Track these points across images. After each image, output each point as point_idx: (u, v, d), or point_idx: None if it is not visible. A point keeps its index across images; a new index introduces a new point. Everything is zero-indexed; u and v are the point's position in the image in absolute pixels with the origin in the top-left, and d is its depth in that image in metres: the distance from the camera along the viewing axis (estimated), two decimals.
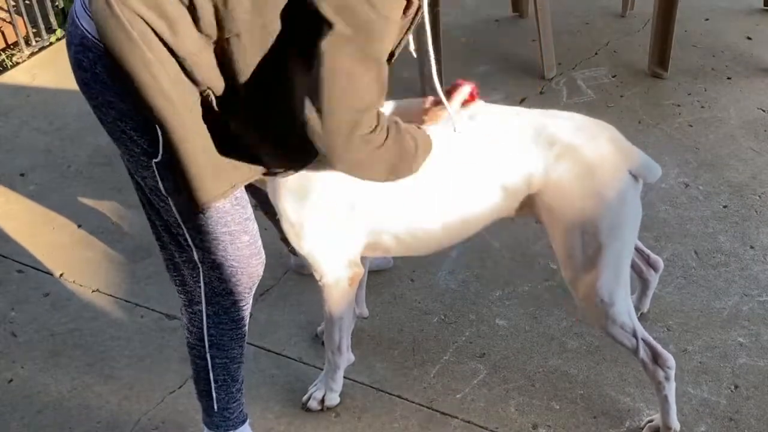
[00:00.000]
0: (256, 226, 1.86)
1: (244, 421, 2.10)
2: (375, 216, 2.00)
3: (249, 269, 1.85)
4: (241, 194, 1.80)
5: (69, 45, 1.65)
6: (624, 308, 2.01)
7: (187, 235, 1.77)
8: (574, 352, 2.44)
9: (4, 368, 2.49)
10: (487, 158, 1.98)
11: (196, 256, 1.81)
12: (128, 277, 2.79)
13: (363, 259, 2.14)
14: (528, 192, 1.98)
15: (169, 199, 1.72)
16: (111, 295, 2.72)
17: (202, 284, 1.85)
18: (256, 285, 1.92)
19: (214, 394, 2.00)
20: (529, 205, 2.01)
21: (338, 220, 1.99)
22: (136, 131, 1.65)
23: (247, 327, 1.97)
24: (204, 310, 1.88)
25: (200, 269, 1.83)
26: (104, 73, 1.60)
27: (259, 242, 1.87)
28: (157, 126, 1.61)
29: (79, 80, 1.66)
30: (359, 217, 2.00)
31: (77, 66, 1.63)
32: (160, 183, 1.70)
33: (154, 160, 1.66)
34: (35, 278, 2.82)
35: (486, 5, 4.35)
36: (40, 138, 3.55)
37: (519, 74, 3.76)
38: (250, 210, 1.84)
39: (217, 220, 1.75)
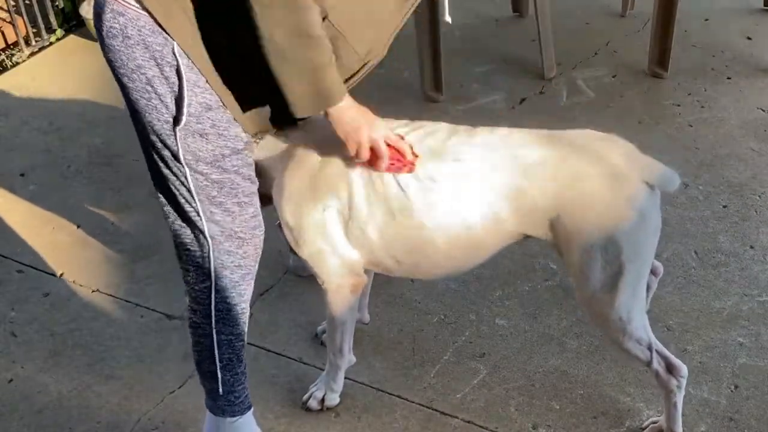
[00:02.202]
0: (258, 200, 1.94)
1: (249, 408, 2.10)
2: (370, 238, 1.97)
3: (254, 240, 1.94)
4: (251, 169, 1.87)
5: (97, 17, 1.70)
6: (641, 323, 1.97)
7: (200, 209, 1.83)
8: (574, 352, 2.44)
9: (4, 368, 2.49)
10: (492, 182, 1.90)
11: (207, 231, 1.86)
12: (128, 277, 2.79)
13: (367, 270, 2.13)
14: (544, 216, 1.90)
15: (186, 168, 1.77)
16: (111, 295, 2.72)
17: (211, 258, 1.89)
18: (260, 257, 1.97)
19: (219, 375, 2.00)
20: (544, 229, 1.93)
21: (336, 231, 1.99)
22: (166, 96, 1.70)
23: (249, 302, 2.00)
24: (213, 285, 1.92)
25: (209, 243, 1.87)
26: (137, 36, 1.66)
27: (261, 215, 1.95)
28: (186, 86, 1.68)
29: (109, 49, 1.70)
30: (354, 237, 1.98)
31: (108, 34, 1.68)
32: (180, 151, 1.75)
33: (177, 127, 1.72)
34: (35, 278, 2.82)
35: (486, 5, 4.35)
36: (40, 138, 3.55)
37: (519, 74, 3.75)
38: (257, 185, 1.91)
39: (228, 192, 1.83)
